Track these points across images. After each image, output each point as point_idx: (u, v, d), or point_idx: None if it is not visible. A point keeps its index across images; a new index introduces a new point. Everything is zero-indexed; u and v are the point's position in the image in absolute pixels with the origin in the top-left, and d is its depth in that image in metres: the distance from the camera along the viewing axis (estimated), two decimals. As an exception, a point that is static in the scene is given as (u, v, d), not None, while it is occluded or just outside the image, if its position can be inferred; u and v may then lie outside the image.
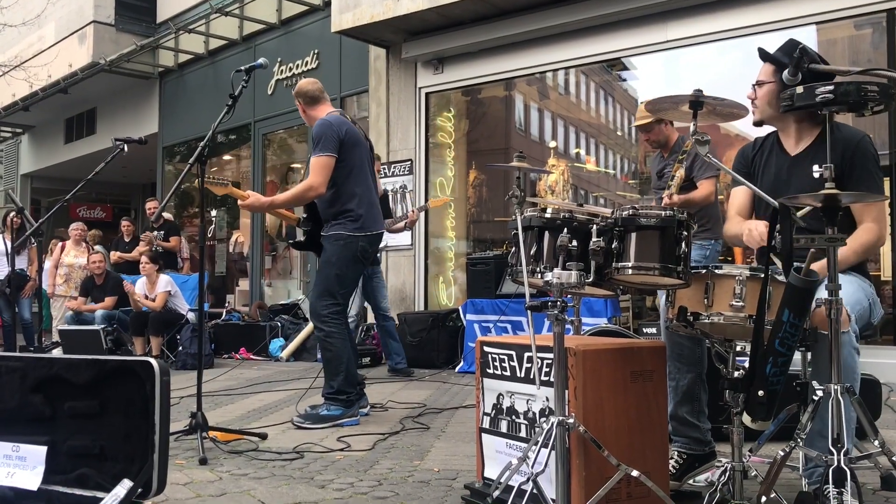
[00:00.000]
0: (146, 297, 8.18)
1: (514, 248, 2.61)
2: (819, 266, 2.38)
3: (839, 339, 2.27)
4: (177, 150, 14.24)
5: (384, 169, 9.20)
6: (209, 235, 13.42)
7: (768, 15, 6.82)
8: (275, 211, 4.78)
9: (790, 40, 2.85)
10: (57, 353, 7.81)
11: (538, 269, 2.52)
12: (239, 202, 4.57)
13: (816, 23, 6.73)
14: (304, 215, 4.68)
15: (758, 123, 3.00)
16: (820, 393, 2.28)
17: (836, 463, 2.17)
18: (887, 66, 6.40)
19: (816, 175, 2.23)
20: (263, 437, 3.96)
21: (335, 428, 4.26)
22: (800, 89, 2.24)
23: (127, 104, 15.03)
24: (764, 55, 2.91)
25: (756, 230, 2.71)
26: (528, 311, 2.40)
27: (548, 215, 2.53)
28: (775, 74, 2.82)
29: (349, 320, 7.13)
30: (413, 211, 7.27)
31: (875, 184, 2.77)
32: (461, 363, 7.32)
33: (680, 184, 4.35)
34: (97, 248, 10.23)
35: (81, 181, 4.80)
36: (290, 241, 4.85)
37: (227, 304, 12.13)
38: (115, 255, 10.03)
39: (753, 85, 2.95)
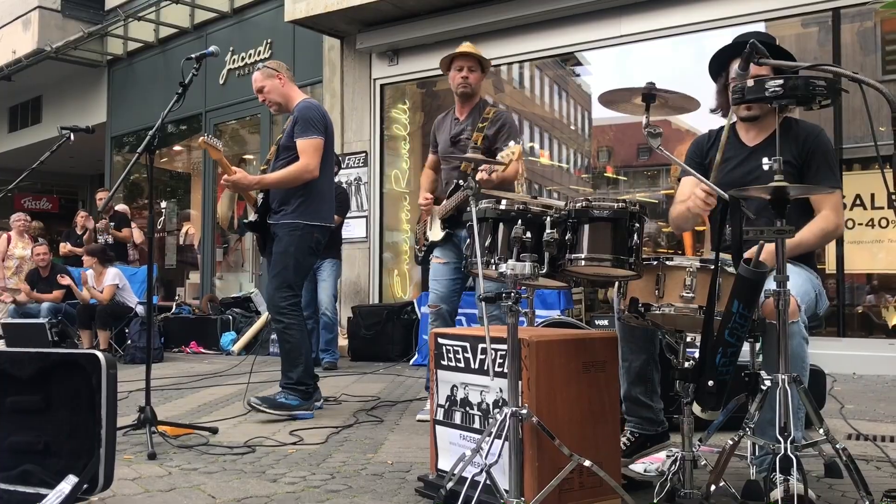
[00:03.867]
0: (94, 288, 8.00)
1: (468, 240, 2.61)
2: (768, 253, 2.42)
3: (787, 329, 2.31)
4: (126, 139, 13.95)
5: (340, 161, 9.13)
6: (159, 227, 13.19)
7: (719, 11, 6.94)
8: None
9: (754, 32, 2.90)
10: None
11: (493, 260, 2.52)
12: (224, 177, 4.37)
13: (765, 20, 6.85)
14: (262, 195, 4.58)
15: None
16: (768, 383, 2.32)
17: (782, 451, 2.21)
18: (832, 62, 6.54)
19: (766, 167, 2.27)
20: (214, 431, 3.91)
21: (288, 421, 4.22)
22: (750, 82, 2.28)
23: (74, 92, 14.67)
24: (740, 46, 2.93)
25: (697, 195, 2.75)
26: (483, 303, 2.41)
27: (502, 207, 2.53)
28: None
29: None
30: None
31: (833, 175, 2.89)
32: (416, 356, 7.32)
33: (514, 158, 3.91)
34: (40, 239, 9.98)
35: (26, 171, 4.68)
36: (244, 220, 4.70)
37: (177, 297, 11.93)
38: (64, 248, 9.80)
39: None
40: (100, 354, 2.45)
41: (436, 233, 4.52)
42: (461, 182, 4.35)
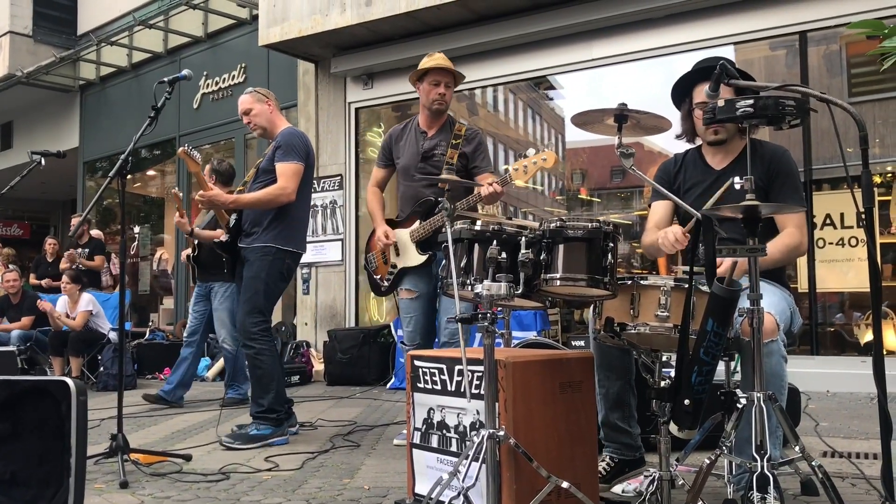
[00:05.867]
0: (67, 316, 7.90)
1: (444, 261, 2.60)
2: (740, 269, 2.44)
3: (764, 347, 2.32)
4: (98, 164, 13.84)
5: (313, 184, 9.12)
6: (132, 252, 13.06)
7: (689, 35, 7.04)
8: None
9: (715, 57, 2.94)
10: (-32, 376, 7.45)
11: (468, 281, 2.51)
12: (199, 193, 4.34)
13: (734, 43, 6.97)
14: (236, 217, 4.55)
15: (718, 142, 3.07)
16: (744, 401, 2.33)
17: (759, 469, 2.22)
18: (800, 84, 6.64)
19: (737, 187, 2.29)
20: (188, 458, 3.85)
21: (263, 448, 4.17)
22: (721, 103, 2.31)
23: (46, 117, 14.55)
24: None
25: (671, 232, 2.78)
26: (459, 324, 2.40)
27: (477, 227, 2.54)
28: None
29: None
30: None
31: (797, 195, 2.94)
32: (392, 379, 7.28)
33: (531, 176, 3.84)
34: (11, 266, 9.85)
35: (-5, 197, 4.63)
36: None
37: (150, 324, 11.79)
38: (34, 282, 9.69)
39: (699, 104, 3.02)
40: (69, 381, 2.41)
41: (412, 258, 4.26)
42: (439, 199, 4.30)
